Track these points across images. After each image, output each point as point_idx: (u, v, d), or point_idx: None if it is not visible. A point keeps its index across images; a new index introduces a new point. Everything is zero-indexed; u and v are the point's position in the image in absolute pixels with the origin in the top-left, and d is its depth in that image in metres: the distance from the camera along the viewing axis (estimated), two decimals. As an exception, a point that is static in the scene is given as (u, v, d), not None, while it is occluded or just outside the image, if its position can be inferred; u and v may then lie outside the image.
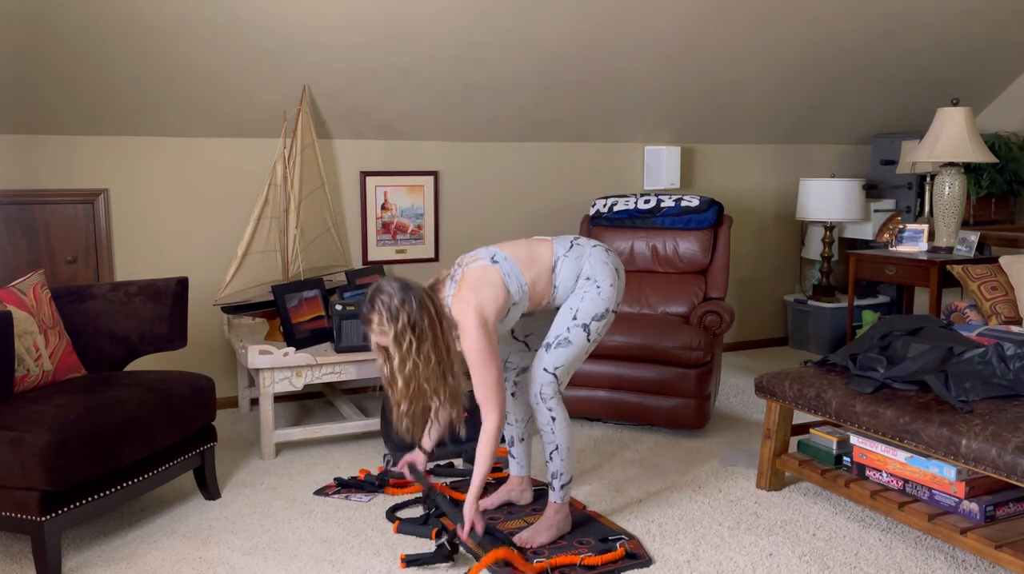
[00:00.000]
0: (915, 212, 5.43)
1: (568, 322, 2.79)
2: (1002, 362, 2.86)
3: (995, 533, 2.63)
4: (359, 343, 3.71)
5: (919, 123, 5.48)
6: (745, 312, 5.75)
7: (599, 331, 2.82)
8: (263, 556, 2.82)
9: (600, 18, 4.27)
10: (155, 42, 3.72)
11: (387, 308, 2.61)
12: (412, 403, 2.70)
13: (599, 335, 2.84)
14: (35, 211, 3.98)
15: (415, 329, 2.61)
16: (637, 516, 3.12)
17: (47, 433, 2.56)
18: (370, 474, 3.47)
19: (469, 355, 2.66)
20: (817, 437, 3.27)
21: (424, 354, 2.63)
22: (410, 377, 2.64)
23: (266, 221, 4.10)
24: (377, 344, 2.70)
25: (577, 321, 2.78)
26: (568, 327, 2.78)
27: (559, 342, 2.79)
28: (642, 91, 4.88)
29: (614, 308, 2.84)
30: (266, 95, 4.13)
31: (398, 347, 2.62)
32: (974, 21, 5.08)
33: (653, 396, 3.92)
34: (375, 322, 2.63)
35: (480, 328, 2.64)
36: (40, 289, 3.14)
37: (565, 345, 2.78)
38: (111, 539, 2.95)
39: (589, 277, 2.82)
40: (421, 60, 4.21)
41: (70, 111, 3.90)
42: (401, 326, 2.60)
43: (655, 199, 4.56)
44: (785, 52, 4.90)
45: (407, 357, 2.62)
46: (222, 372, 4.36)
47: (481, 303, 2.67)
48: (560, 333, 2.79)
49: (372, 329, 2.65)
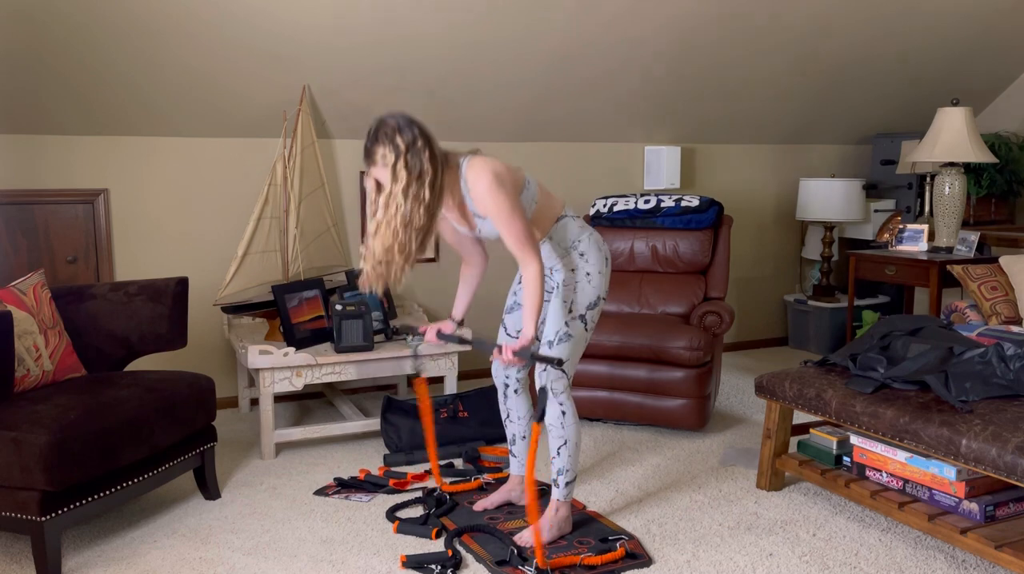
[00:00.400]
0: (915, 212, 5.43)
1: (565, 316, 2.79)
2: (1002, 362, 2.86)
3: (995, 533, 2.63)
4: (359, 343, 3.71)
5: (919, 123, 5.47)
6: (745, 312, 5.75)
7: (594, 319, 2.84)
8: (263, 556, 2.82)
9: (600, 18, 4.27)
10: (155, 42, 3.72)
11: (390, 139, 2.55)
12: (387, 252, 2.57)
13: (594, 323, 2.85)
14: (35, 211, 3.98)
15: (414, 165, 2.54)
16: (637, 516, 3.12)
17: (47, 433, 2.56)
18: (370, 474, 3.47)
19: (493, 212, 2.60)
20: (817, 437, 3.27)
21: (416, 196, 2.54)
22: (393, 217, 2.54)
23: (266, 221, 4.10)
24: (374, 180, 2.61)
25: (573, 313, 2.79)
26: (566, 321, 2.78)
27: (560, 337, 2.78)
28: (642, 91, 4.88)
29: (604, 295, 2.85)
30: (266, 95, 4.13)
31: (394, 179, 2.53)
32: (974, 21, 5.08)
33: (653, 396, 3.92)
34: (378, 153, 2.56)
35: (499, 185, 2.58)
36: (40, 289, 3.14)
37: (567, 339, 2.78)
38: (111, 539, 2.95)
39: (583, 253, 2.81)
40: (421, 60, 4.22)
41: (70, 111, 3.90)
42: (402, 159, 2.53)
43: (655, 199, 4.56)
44: (785, 52, 4.90)
45: (398, 193, 2.53)
46: (222, 372, 4.36)
47: (496, 168, 2.62)
48: (559, 328, 2.79)
49: (375, 160, 2.57)
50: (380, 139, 2.56)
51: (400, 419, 3.73)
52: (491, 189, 2.58)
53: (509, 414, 3.12)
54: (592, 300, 2.82)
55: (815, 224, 5.66)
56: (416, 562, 2.72)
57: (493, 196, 2.59)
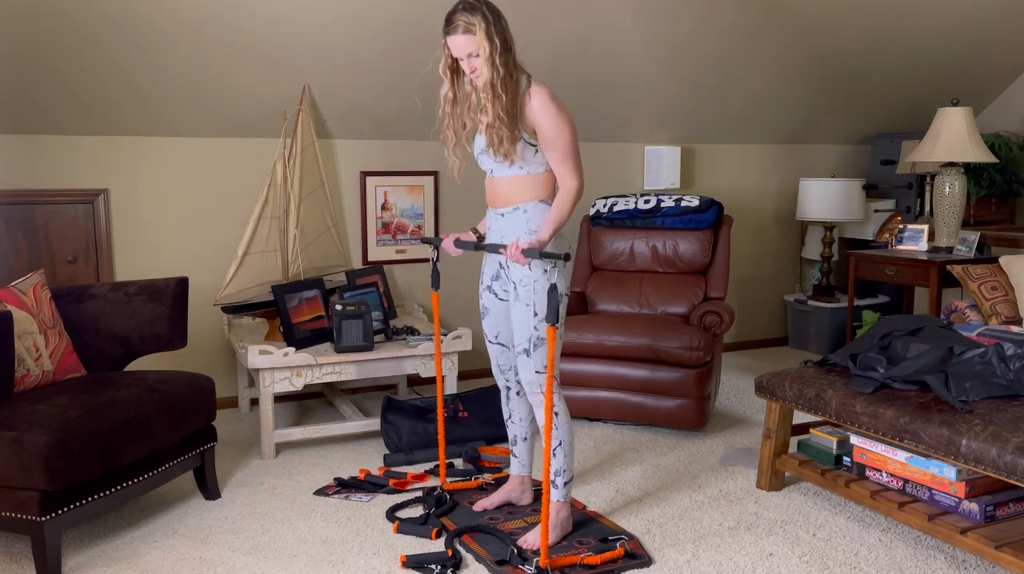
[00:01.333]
0: (915, 212, 5.43)
1: (533, 321, 2.76)
2: (1002, 362, 2.87)
3: (995, 533, 2.63)
4: (359, 343, 3.71)
5: (919, 123, 5.47)
6: (745, 312, 5.75)
7: (563, 315, 2.81)
8: (263, 556, 2.82)
9: (600, 18, 4.27)
10: (156, 42, 3.72)
11: (478, 9, 2.63)
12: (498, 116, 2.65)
13: (564, 318, 2.83)
14: (35, 211, 3.98)
15: (501, 35, 2.64)
16: (637, 516, 3.12)
17: (47, 433, 2.56)
18: (370, 474, 3.47)
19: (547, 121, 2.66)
20: (817, 437, 3.27)
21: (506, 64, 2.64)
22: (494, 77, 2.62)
23: (266, 221, 4.10)
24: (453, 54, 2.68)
25: (539, 316, 2.76)
26: (535, 326, 2.76)
27: (535, 343, 2.77)
28: (642, 91, 4.88)
29: (565, 291, 2.82)
30: (266, 95, 4.13)
31: (489, 41, 2.62)
32: (974, 21, 5.08)
33: (653, 396, 3.92)
34: (462, 23, 2.63)
35: (557, 100, 2.69)
36: (40, 289, 3.14)
37: (541, 343, 2.77)
38: (111, 539, 2.95)
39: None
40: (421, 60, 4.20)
41: (70, 111, 3.90)
42: (493, 27, 2.63)
43: (655, 199, 4.56)
44: (785, 52, 4.91)
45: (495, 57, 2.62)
46: (222, 372, 4.36)
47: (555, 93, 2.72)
48: (530, 334, 2.77)
49: (457, 29, 2.64)
50: (468, 9, 2.65)
51: (400, 419, 3.73)
52: (552, 100, 2.68)
53: (511, 415, 3.12)
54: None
55: (815, 224, 5.66)
56: (416, 562, 2.72)
57: (552, 106, 2.67)
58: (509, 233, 2.81)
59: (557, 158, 2.71)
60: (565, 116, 2.71)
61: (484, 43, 2.62)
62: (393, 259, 4.70)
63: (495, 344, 3.02)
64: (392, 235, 4.69)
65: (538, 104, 2.68)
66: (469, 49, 2.66)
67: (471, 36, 2.64)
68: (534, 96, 2.69)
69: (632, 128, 5.15)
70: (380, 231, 4.65)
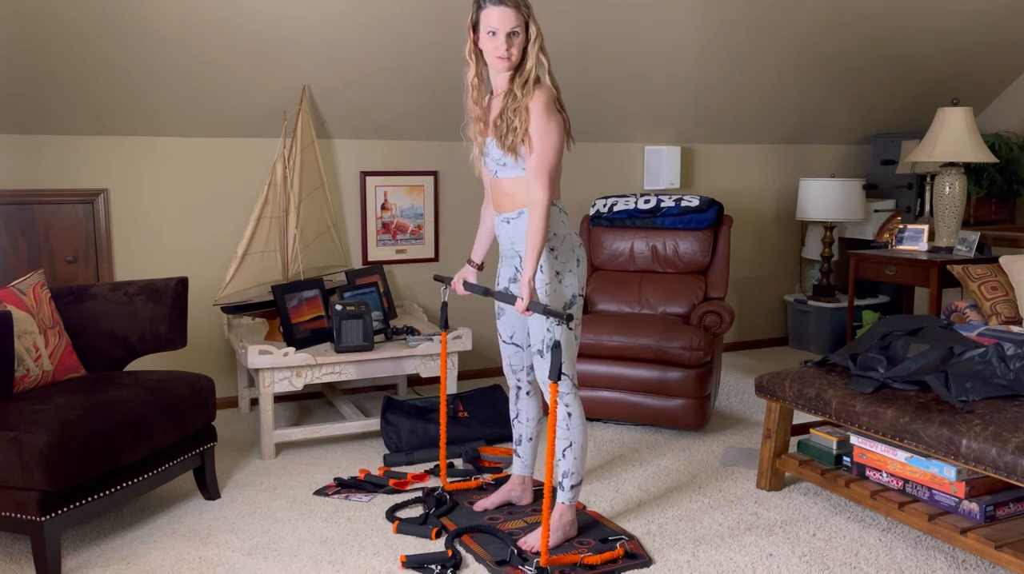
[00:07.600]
0: (915, 212, 5.43)
1: (546, 322, 2.75)
2: (1002, 362, 2.86)
3: (995, 533, 2.63)
4: (359, 343, 3.71)
5: (919, 123, 5.47)
6: (745, 312, 5.75)
7: (578, 318, 2.83)
8: (263, 556, 2.82)
9: (600, 18, 4.27)
10: (155, 42, 3.72)
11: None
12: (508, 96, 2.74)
13: (578, 320, 2.84)
14: (35, 211, 3.98)
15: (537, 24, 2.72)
16: (637, 516, 3.12)
17: (47, 433, 2.56)
18: (370, 474, 3.47)
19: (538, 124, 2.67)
20: (817, 437, 3.27)
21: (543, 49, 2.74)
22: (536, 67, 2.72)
23: (266, 221, 4.10)
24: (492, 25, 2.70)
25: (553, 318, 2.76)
26: (548, 327, 2.75)
27: (548, 344, 2.77)
28: (642, 91, 4.87)
29: (579, 293, 2.81)
30: (266, 95, 4.12)
31: (536, 29, 2.71)
32: (974, 21, 5.08)
33: (653, 396, 3.92)
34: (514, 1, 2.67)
35: (555, 106, 2.72)
36: (40, 289, 3.14)
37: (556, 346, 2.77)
38: (111, 539, 2.95)
39: (554, 248, 2.75)
40: (421, 60, 4.21)
41: (70, 111, 3.90)
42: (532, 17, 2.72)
43: (655, 199, 4.56)
44: (785, 52, 4.90)
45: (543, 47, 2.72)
46: (222, 372, 4.36)
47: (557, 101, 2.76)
48: (544, 336, 2.77)
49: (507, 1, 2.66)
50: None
51: (400, 419, 3.73)
52: (549, 105, 2.70)
53: (518, 414, 3.11)
54: (567, 300, 2.78)
55: (815, 224, 5.66)
56: (416, 562, 2.72)
57: (547, 111, 2.68)
58: (517, 238, 2.81)
59: (534, 165, 2.67)
60: (555, 126, 2.68)
61: (535, 28, 2.70)
62: (393, 259, 4.70)
63: (509, 344, 3.01)
64: (392, 235, 4.69)
65: (536, 104, 2.68)
66: (513, 24, 2.67)
67: (519, 14, 2.66)
68: (537, 94, 2.70)
69: (632, 128, 5.15)
70: (380, 231, 4.65)
